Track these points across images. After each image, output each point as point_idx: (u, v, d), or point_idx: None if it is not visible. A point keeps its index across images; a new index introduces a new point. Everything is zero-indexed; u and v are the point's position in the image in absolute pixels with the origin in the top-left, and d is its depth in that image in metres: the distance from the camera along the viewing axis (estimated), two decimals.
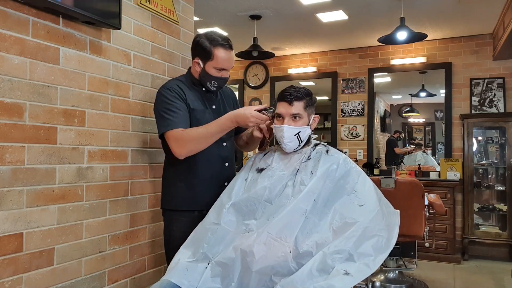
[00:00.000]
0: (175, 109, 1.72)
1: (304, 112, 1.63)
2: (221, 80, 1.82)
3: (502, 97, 4.43)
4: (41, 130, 1.63)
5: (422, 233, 2.96)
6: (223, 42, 1.75)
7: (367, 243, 1.40)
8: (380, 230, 1.44)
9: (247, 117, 1.63)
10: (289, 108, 1.61)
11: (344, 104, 5.16)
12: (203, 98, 1.86)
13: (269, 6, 3.72)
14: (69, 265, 1.75)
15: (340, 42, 4.89)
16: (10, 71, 1.52)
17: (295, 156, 1.65)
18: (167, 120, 1.71)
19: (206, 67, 1.77)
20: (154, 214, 2.23)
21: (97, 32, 1.88)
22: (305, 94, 1.63)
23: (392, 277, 3.37)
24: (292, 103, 1.61)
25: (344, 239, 1.39)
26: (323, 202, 1.51)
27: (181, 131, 1.69)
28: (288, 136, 1.60)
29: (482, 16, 3.95)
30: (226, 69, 1.79)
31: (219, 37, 1.76)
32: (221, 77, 1.80)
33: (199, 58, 1.78)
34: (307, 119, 1.64)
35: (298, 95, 1.61)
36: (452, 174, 4.38)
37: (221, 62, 1.76)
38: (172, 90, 1.76)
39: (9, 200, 1.52)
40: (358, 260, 1.37)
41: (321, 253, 1.37)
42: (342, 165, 1.59)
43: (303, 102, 1.62)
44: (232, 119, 1.67)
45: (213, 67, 1.76)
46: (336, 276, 1.31)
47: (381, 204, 1.53)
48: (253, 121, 1.64)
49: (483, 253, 4.37)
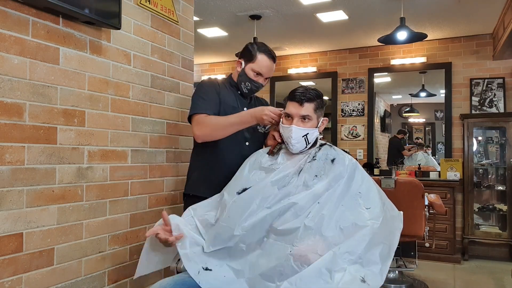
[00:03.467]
0: (205, 97, 1.85)
1: (314, 114, 1.60)
2: (255, 84, 1.92)
3: (502, 97, 4.43)
4: (41, 130, 1.63)
5: (422, 233, 2.96)
6: (269, 51, 1.91)
7: (375, 249, 1.39)
8: (385, 237, 1.43)
9: (263, 109, 1.70)
10: (299, 109, 1.58)
11: (344, 104, 5.16)
12: (236, 98, 1.96)
13: (269, 6, 3.72)
14: (69, 265, 1.75)
15: (340, 42, 4.89)
16: (10, 71, 1.52)
17: (299, 156, 1.64)
18: (196, 105, 1.84)
19: (246, 68, 1.91)
20: (154, 214, 2.23)
21: (97, 32, 1.88)
22: (316, 96, 1.61)
23: (392, 277, 3.36)
24: (303, 104, 1.58)
25: (356, 241, 1.38)
26: (329, 204, 1.49)
27: (204, 116, 1.80)
28: (296, 137, 1.58)
29: (482, 16, 3.94)
30: (263, 75, 1.91)
31: (267, 47, 1.92)
32: (256, 81, 1.91)
33: (243, 59, 1.93)
34: (316, 121, 1.62)
35: (309, 96, 1.58)
36: (452, 174, 4.38)
37: (260, 66, 1.88)
38: (210, 83, 1.92)
39: (9, 200, 1.52)
40: (366, 266, 1.36)
41: (331, 253, 1.36)
42: (348, 167, 1.57)
43: (314, 104, 1.60)
44: (252, 113, 1.74)
45: (251, 69, 1.89)
46: (354, 282, 1.30)
47: (385, 208, 1.52)
48: (267, 113, 1.68)
49: (483, 253, 4.37)
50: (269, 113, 1.67)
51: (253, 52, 1.89)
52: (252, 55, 1.89)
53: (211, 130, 1.78)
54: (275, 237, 1.46)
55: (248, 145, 1.92)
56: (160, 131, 2.27)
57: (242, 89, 1.94)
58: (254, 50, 1.89)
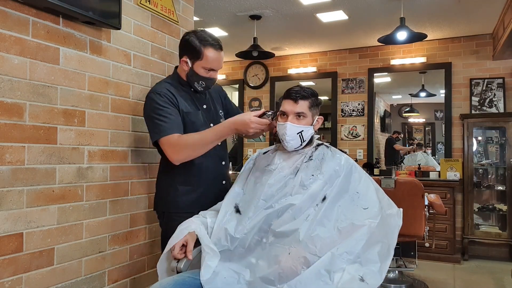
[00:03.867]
0: (167, 115, 1.68)
1: (308, 112, 1.62)
2: (209, 81, 1.79)
3: (502, 97, 4.43)
4: (41, 130, 1.63)
5: (422, 233, 2.96)
6: (214, 42, 1.73)
7: (373, 248, 1.39)
8: (384, 236, 1.44)
9: (247, 123, 1.59)
10: (294, 106, 1.60)
11: (344, 104, 5.16)
12: (193, 99, 1.84)
13: (269, 6, 3.72)
14: (69, 265, 1.75)
15: (340, 42, 4.89)
16: (10, 71, 1.52)
17: (296, 156, 1.65)
18: (160, 127, 1.67)
19: (195, 66, 1.74)
20: (154, 214, 2.23)
21: (97, 32, 1.88)
22: (311, 94, 1.63)
23: (392, 277, 3.36)
24: (297, 101, 1.60)
25: (354, 240, 1.39)
26: (326, 205, 1.50)
27: (176, 137, 1.66)
28: (291, 134, 1.59)
29: (482, 16, 3.95)
30: (215, 69, 1.77)
31: (210, 37, 1.73)
32: (209, 78, 1.77)
33: (187, 57, 1.75)
34: (311, 119, 1.64)
35: (304, 94, 1.61)
36: (452, 174, 4.38)
37: (211, 62, 1.73)
38: (162, 95, 1.72)
39: (9, 200, 1.52)
40: (364, 265, 1.36)
41: (330, 254, 1.36)
42: (344, 166, 1.59)
43: (308, 102, 1.62)
44: (231, 127, 1.63)
45: (202, 67, 1.73)
46: (353, 281, 1.31)
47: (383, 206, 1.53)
48: (253, 127, 1.60)
49: (483, 253, 4.37)
50: (255, 126, 1.60)
51: (197, 48, 1.71)
52: (197, 52, 1.71)
53: (190, 152, 1.67)
54: (274, 239, 1.47)
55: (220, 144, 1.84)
56: None
57: (196, 88, 1.81)
58: (198, 45, 1.71)
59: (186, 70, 1.77)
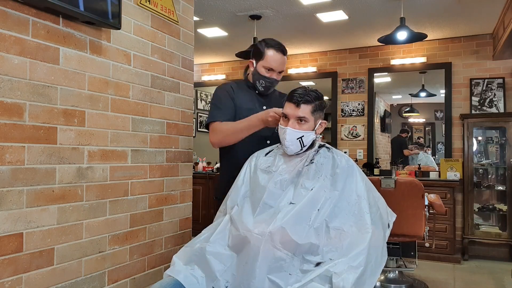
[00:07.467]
0: (219, 104, 1.93)
1: (310, 116, 1.58)
2: (268, 80, 1.95)
3: (502, 97, 4.43)
4: (41, 130, 1.63)
5: (422, 233, 2.96)
6: (276, 45, 1.93)
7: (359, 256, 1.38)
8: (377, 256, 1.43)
9: (268, 112, 1.73)
10: (296, 111, 1.57)
11: (344, 104, 5.16)
12: (255, 99, 2.01)
13: (269, 6, 3.72)
14: (69, 265, 1.75)
15: (340, 42, 4.89)
16: (10, 71, 1.52)
17: (297, 159, 1.63)
18: (211, 114, 1.93)
19: (258, 66, 1.95)
20: (154, 214, 2.23)
21: (97, 32, 1.88)
22: (315, 97, 1.59)
23: (392, 277, 3.36)
24: (299, 105, 1.56)
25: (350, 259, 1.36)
26: (325, 208, 1.49)
27: (218, 123, 1.89)
28: (290, 139, 1.57)
29: (482, 16, 3.94)
30: (275, 69, 1.93)
31: (274, 41, 1.95)
32: (269, 77, 1.94)
33: (254, 59, 1.97)
34: (313, 123, 1.60)
35: (307, 98, 1.57)
36: (452, 174, 4.38)
37: (270, 62, 1.91)
38: (223, 89, 1.99)
39: (9, 200, 1.52)
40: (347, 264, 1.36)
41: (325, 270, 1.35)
42: (345, 169, 1.57)
43: (311, 106, 1.58)
44: (259, 116, 1.78)
45: (262, 66, 1.93)
46: None
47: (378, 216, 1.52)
48: (272, 115, 1.71)
49: (483, 253, 4.37)
50: (273, 114, 1.71)
51: (261, 50, 1.92)
52: (261, 53, 1.92)
53: (223, 137, 1.87)
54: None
55: (269, 143, 1.93)
56: (160, 131, 2.27)
57: (258, 88, 1.98)
58: (262, 47, 1.93)
59: (252, 70, 1.99)
